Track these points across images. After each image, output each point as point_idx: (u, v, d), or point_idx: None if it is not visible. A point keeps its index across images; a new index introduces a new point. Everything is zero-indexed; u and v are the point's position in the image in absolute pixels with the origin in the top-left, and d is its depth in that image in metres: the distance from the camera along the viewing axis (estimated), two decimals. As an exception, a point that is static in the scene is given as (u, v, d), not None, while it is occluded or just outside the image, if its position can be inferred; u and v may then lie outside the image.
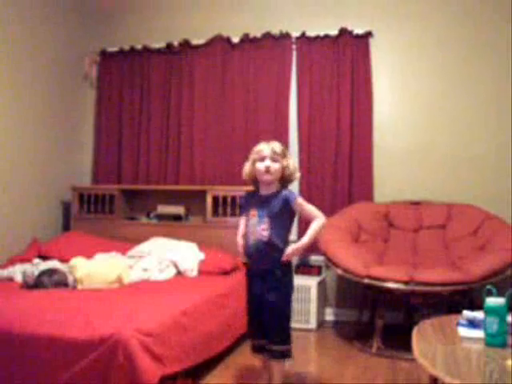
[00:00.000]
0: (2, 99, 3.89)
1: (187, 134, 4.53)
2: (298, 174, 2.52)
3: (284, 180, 2.49)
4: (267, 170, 2.42)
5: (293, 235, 4.27)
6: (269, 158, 2.44)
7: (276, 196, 2.43)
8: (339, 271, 3.43)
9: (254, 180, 2.54)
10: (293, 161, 2.53)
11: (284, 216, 2.43)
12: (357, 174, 4.18)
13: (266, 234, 2.39)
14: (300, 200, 2.44)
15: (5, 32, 3.91)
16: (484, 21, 4.06)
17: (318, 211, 2.46)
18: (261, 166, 2.44)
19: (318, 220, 2.42)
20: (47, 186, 4.39)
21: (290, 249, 2.40)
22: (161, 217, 4.40)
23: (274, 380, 2.43)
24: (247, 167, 2.55)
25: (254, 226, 2.43)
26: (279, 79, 4.37)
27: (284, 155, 2.47)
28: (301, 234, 4.19)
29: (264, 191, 2.49)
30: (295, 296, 3.92)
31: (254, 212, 2.46)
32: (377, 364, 3.12)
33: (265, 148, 2.47)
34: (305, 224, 4.18)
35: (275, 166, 2.43)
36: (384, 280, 3.20)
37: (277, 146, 2.48)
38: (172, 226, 4.29)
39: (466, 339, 2.04)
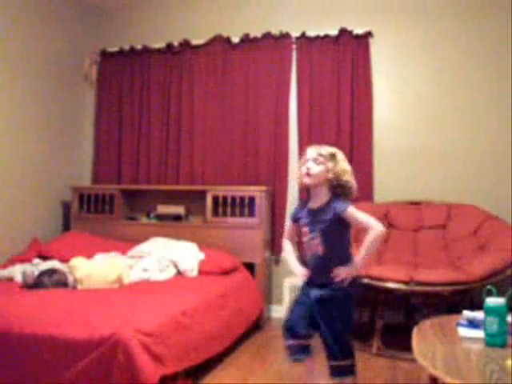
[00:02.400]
0: (1, 99, 3.89)
1: (187, 133, 4.53)
2: (346, 178, 2.26)
3: (333, 187, 2.24)
4: (306, 173, 2.22)
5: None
6: (311, 160, 2.22)
7: (325, 209, 2.21)
8: (339, 271, 3.42)
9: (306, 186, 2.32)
10: (344, 166, 2.27)
11: (338, 229, 2.21)
12: (357, 173, 4.14)
13: (320, 249, 2.21)
14: (351, 209, 2.18)
15: (5, 32, 3.91)
16: (485, 20, 4.05)
17: (373, 220, 2.18)
18: (302, 170, 2.24)
19: (373, 231, 2.13)
20: (47, 186, 4.39)
21: (341, 269, 2.17)
22: (161, 217, 4.40)
23: None
24: (298, 172, 2.32)
25: (307, 242, 2.26)
26: (279, 79, 4.37)
27: (333, 159, 2.22)
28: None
29: (313, 203, 2.27)
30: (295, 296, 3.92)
31: (305, 228, 2.26)
32: (377, 364, 3.12)
33: (310, 151, 2.27)
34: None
35: (316, 169, 2.20)
36: (384, 280, 3.20)
37: (325, 149, 2.26)
38: (172, 226, 4.29)
39: (465, 339, 2.04)
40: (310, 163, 2.22)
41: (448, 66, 4.13)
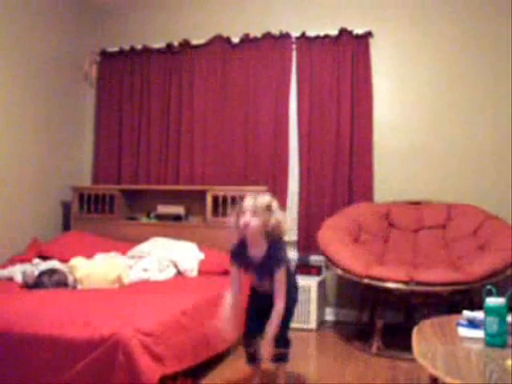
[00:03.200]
0: (1, 99, 3.89)
1: (187, 133, 4.53)
2: (283, 229, 2.41)
3: (269, 235, 2.39)
4: (245, 225, 2.35)
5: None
6: (250, 212, 2.35)
7: (266, 259, 2.39)
8: (339, 271, 3.42)
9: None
10: (278, 216, 2.39)
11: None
12: (357, 174, 4.17)
13: (271, 289, 2.43)
14: (281, 272, 2.37)
15: (5, 32, 3.91)
16: (484, 21, 4.06)
17: (283, 293, 2.37)
18: (241, 220, 2.37)
19: (278, 305, 2.36)
20: (47, 186, 4.39)
21: (265, 346, 2.36)
22: (161, 217, 4.40)
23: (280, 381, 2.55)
24: (232, 219, 2.46)
25: (258, 286, 2.51)
26: (279, 79, 4.37)
27: (268, 210, 2.36)
28: (301, 232, 4.19)
29: (254, 251, 2.43)
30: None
31: (253, 276, 2.49)
32: (377, 364, 3.12)
33: (247, 201, 2.38)
34: (306, 223, 4.19)
35: (255, 222, 2.34)
36: (384, 280, 3.20)
37: (261, 200, 2.38)
38: (172, 226, 4.29)
39: (466, 339, 2.04)
40: (247, 216, 2.35)
41: (448, 65, 4.13)
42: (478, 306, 2.30)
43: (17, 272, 3.34)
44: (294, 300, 2.58)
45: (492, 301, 1.97)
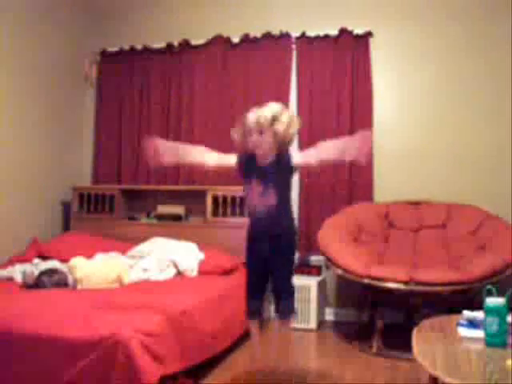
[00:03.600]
0: (1, 100, 3.89)
1: (187, 133, 4.53)
2: (292, 131, 2.35)
3: (279, 145, 2.38)
4: (255, 146, 2.37)
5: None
6: (255, 131, 2.34)
7: (275, 165, 2.39)
8: (339, 271, 3.43)
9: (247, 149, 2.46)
10: (285, 120, 2.33)
11: (288, 178, 2.45)
12: (357, 174, 4.17)
13: (274, 199, 2.40)
14: (298, 156, 2.43)
15: (5, 32, 3.91)
16: (484, 20, 4.06)
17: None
18: (249, 141, 2.38)
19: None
20: (47, 186, 4.39)
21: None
22: (161, 217, 4.40)
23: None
24: (237, 137, 2.46)
25: (260, 195, 2.42)
26: (279, 79, 4.37)
27: (273, 121, 2.32)
28: (301, 232, 4.19)
29: (262, 161, 2.43)
30: (295, 296, 3.92)
31: (256, 183, 2.42)
32: (377, 364, 3.12)
33: (251, 118, 2.37)
34: (307, 223, 4.19)
35: (263, 139, 2.34)
36: (384, 280, 3.20)
37: (265, 114, 2.34)
38: (172, 226, 4.29)
39: (466, 339, 2.04)
40: (255, 136, 2.34)
41: (448, 65, 4.13)
42: (478, 306, 2.30)
43: (17, 272, 3.34)
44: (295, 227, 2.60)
45: (492, 301, 1.97)
